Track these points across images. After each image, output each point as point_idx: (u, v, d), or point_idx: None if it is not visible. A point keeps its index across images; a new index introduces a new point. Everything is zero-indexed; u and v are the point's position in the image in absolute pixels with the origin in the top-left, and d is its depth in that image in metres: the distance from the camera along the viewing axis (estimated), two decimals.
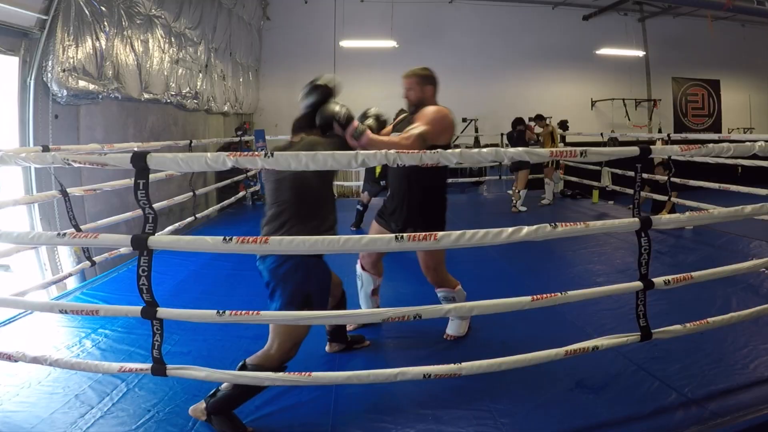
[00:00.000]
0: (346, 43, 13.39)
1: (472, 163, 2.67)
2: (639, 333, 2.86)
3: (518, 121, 9.72)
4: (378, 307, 3.92)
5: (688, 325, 2.97)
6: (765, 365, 3.20)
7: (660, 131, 15.34)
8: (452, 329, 3.81)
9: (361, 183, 8.69)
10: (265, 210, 2.99)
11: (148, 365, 2.67)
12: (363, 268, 3.96)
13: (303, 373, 2.62)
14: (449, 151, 2.52)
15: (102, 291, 5.03)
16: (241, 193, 10.19)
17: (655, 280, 2.84)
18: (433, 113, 3.49)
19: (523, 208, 9.38)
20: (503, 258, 5.83)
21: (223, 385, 2.77)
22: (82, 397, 3.06)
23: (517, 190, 9.49)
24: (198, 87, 9.81)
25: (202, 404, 2.78)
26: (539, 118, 10.59)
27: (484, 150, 2.57)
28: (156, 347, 2.61)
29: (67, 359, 2.98)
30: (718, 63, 16.84)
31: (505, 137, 10.95)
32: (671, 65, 16.56)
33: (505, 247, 5.40)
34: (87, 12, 6.13)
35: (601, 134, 11.11)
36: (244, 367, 2.76)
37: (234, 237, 2.45)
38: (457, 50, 14.73)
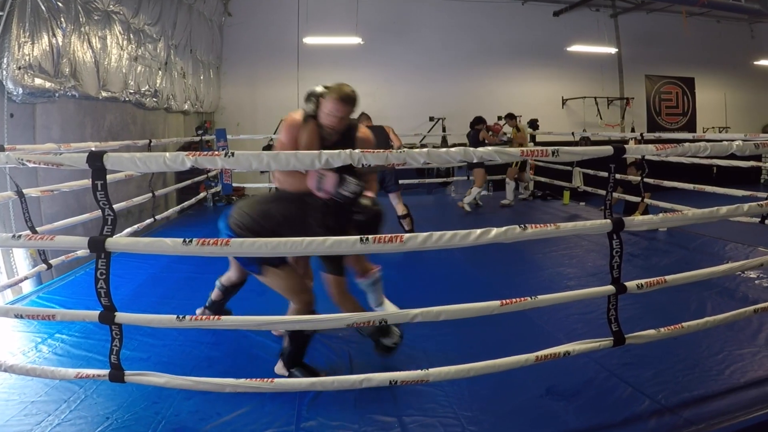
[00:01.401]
0: (309, 40, 13.11)
1: (440, 164, 2.61)
2: (611, 338, 2.82)
3: (477, 121, 9.71)
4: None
5: (662, 329, 2.94)
6: (740, 371, 3.16)
7: (633, 130, 15.37)
8: None
9: None
10: None
11: (105, 371, 2.66)
12: None
13: (265, 380, 2.62)
14: (416, 150, 2.47)
15: (59, 295, 4.89)
16: (202, 194, 10.04)
17: (628, 284, 2.81)
18: None
19: (468, 208, 9.34)
20: (471, 261, 5.73)
21: (284, 344, 3.19)
22: (38, 404, 2.99)
23: (470, 188, 9.47)
24: (157, 85, 9.60)
25: (281, 363, 3.21)
26: (510, 117, 10.53)
27: (452, 149, 2.54)
28: (114, 353, 2.61)
29: (22, 365, 2.91)
30: (692, 60, 16.89)
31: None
32: (644, 62, 16.57)
33: (473, 250, 5.30)
34: (43, 8, 5.94)
35: (573, 133, 11.10)
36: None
37: (194, 239, 2.46)
38: (423, 47, 14.63)
